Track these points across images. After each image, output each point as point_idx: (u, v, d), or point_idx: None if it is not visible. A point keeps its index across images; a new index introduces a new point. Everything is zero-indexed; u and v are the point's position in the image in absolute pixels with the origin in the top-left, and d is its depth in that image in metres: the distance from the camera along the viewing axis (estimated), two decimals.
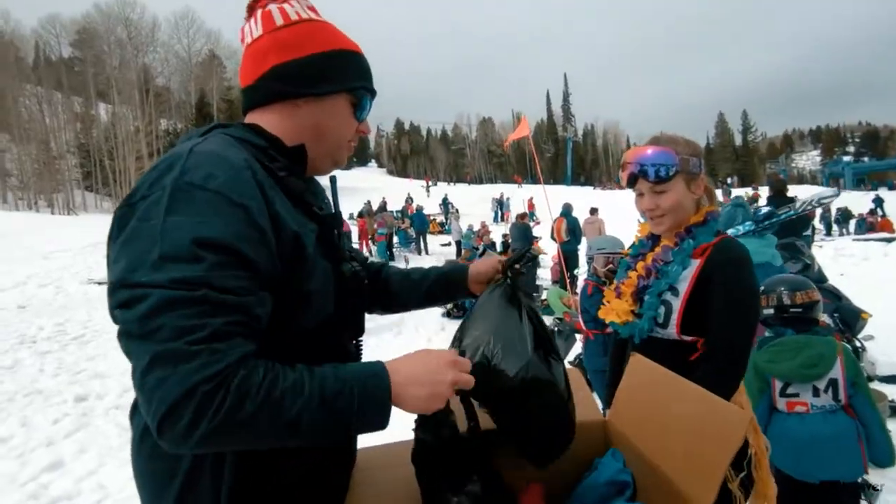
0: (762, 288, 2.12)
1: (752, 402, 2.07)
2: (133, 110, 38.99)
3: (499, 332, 0.99)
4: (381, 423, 0.75)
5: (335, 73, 0.91)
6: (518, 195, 29.46)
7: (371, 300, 1.25)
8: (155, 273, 0.66)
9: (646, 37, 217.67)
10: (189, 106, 46.60)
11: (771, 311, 2.07)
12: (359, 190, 33.01)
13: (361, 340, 1.02)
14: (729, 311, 1.31)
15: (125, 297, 0.67)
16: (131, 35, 42.27)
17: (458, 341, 1.07)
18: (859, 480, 2.02)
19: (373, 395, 0.73)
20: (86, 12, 42.77)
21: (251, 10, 0.92)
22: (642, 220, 1.57)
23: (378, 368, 0.77)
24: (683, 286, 1.36)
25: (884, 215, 21.07)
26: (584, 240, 9.96)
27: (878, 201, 23.55)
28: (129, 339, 0.67)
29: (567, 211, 10.85)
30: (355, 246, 1.19)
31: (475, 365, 0.92)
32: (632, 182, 1.44)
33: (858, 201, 25.70)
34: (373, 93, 0.98)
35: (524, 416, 0.94)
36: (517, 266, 1.13)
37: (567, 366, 1.12)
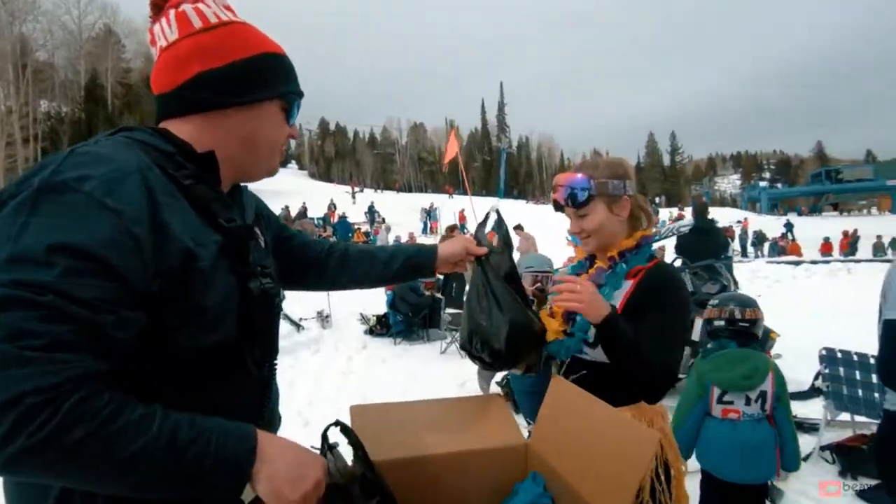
0: (716, 301, 2.47)
1: (690, 405, 2.32)
2: (5, 87, 35.27)
3: (508, 308, 1.33)
4: (235, 489, 0.72)
5: (265, 78, 0.91)
6: (449, 206, 29.87)
7: (316, 277, 1.30)
8: (0, 273, 0.64)
9: (583, 55, 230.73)
10: (77, 86, 42.83)
11: (722, 322, 2.38)
12: (277, 193, 31.83)
13: (275, 363, 1.00)
14: (658, 328, 1.38)
15: None
16: None
17: (473, 328, 1.36)
18: (769, 483, 2.42)
19: (233, 455, 0.71)
20: None
21: (159, 10, 0.90)
22: (570, 238, 1.67)
23: (247, 429, 0.75)
24: (615, 305, 1.44)
25: (793, 240, 23.62)
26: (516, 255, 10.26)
27: (789, 226, 26.47)
28: None
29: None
30: None
31: (508, 336, 1.29)
32: (557, 208, 1.57)
33: (772, 225, 28.67)
34: (301, 95, 1.00)
35: (536, 352, 1.40)
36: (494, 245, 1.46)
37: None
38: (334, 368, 6.10)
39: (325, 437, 0.91)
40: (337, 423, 0.92)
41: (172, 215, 0.77)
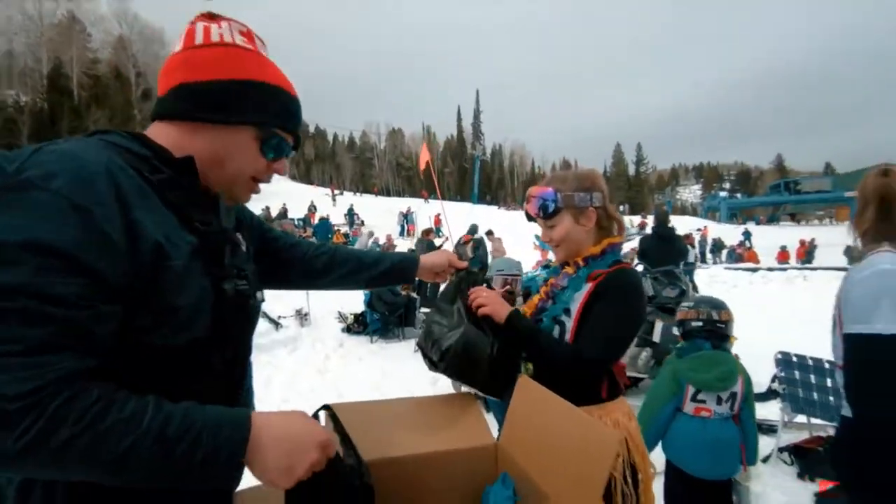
0: (690, 303, 2.57)
1: (663, 402, 2.37)
2: None
3: (469, 320, 1.39)
4: (227, 480, 0.71)
5: (241, 103, 0.88)
6: (425, 210, 29.83)
7: (302, 276, 1.32)
8: None
9: (559, 65, 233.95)
10: (39, 75, 40.47)
11: (700, 323, 2.49)
12: (257, 194, 31.27)
13: (249, 362, 0.98)
14: (592, 326, 1.42)
15: None
16: None
17: (430, 325, 1.42)
18: (733, 479, 2.48)
19: (224, 448, 0.70)
20: None
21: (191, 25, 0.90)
22: (537, 243, 1.73)
23: (240, 419, 0.73)
24: (575, 307, 1.49)
25: (750, 247, 24.32)
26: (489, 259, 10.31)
27: (747, 234, 27.29)
28: None
29: (474, 230, 11.21)
30: None
31: (464, 347, 1.32)
32: (530, 218, 1.64)
33: (731, 233, 29.50)
34: (295, 135, 0.97)
35: (502, 372, 1.37)
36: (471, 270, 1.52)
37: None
38: (311, 366, 6.02)
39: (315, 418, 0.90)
40: (325, 407, 0.92)
41: (145, 214, 0.75)
